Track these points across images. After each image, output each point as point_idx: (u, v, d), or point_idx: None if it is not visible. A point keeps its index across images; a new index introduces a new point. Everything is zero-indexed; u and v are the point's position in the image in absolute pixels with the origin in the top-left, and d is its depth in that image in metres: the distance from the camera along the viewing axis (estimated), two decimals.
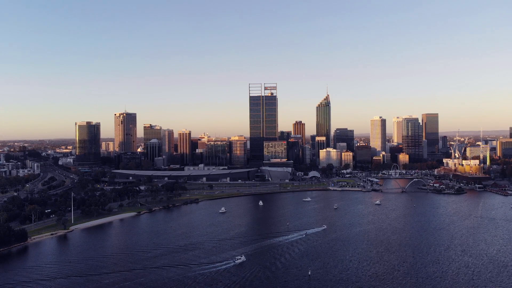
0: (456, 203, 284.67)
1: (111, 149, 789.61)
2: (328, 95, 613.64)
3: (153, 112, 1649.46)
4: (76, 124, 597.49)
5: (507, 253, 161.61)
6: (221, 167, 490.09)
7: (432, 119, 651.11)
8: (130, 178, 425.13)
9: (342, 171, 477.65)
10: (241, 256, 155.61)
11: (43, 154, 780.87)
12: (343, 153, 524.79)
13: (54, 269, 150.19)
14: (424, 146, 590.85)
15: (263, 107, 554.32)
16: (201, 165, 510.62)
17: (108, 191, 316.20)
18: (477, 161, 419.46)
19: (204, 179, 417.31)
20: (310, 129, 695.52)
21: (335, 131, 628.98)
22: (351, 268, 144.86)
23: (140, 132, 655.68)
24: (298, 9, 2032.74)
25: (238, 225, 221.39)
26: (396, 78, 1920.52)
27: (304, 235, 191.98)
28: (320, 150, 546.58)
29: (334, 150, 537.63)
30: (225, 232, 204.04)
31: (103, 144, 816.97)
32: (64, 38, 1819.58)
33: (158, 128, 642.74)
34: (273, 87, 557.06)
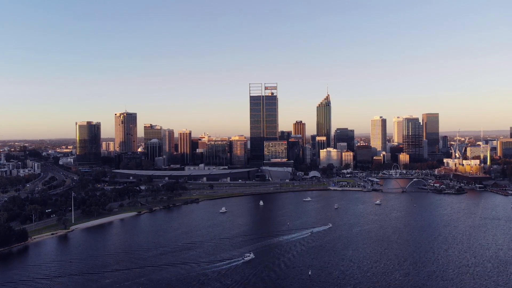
0: (457, 203, 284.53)
1: (111, 149, 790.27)
2: (328, 95, 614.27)
3: (153, 112, 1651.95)
4: (76, 124, 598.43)
5: (507, 252, 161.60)
6: (222, 167, 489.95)
7: (433, 119, 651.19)
8: (131, 178, 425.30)
9: (343, 171, 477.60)
10: (250, 254, 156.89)
11: (44, 154, 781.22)
12: (343, 153, 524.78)
13: (55, 268, 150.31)
14: (424, 146, 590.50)
15: (263, 107, 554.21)
16: (202, 165, 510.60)
17: (109, 191, 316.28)
18: (477, 161, 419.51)
19: (205, 179, 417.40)
20: (311, 129, 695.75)
21: (336, 131, 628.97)
22: (352, 267, 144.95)
23: (140, 132, 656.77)
24: (298, 9, 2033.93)
25: (239, 225, 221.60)
26: (396, 78, 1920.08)
27: (310, 234, 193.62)
28: (320, 150, 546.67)
29: (335, 150, 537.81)
30: (226, 232, 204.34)
31: (104, 144, 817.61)
32: (64, 38, 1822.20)
33: (159, 128, 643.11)
34: (274, 87, 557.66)
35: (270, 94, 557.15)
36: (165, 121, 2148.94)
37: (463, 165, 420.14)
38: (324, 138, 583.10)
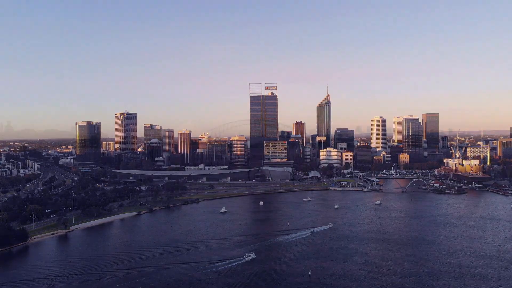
0: (457, 203, 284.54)
1: (111, 149, 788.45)
2: (328, 95, 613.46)
3: (154, 112, 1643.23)
4: (76, 124, 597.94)
5: (508, 252, 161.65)
6: (222, 167, 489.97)
7: (433, 119, 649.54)
8: (131, 178, 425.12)
9: (343, 171, 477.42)
10: (251, 253, 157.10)
11: (44, 154, 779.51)
12: (343, 153, 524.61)
13: (55, 268, 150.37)
14: (424, 146, 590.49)
15: (263, 107, 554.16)
16: (202, 165, 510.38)
17: (109, 191, 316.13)
18: (477, 161, 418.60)
19: (205, 179, 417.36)
20: (311, 129, 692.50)
21: (336, 131, 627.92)
22: (352, 267, 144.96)
23: (140, 132, 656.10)
24: (298, 9, 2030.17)
25: (239, 225, 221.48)
26: (396, 78, 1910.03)
27: (310, 234, 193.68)
28: (320, 150, 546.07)
29: (335, 150, 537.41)
30: (227, 231, 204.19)
31: (104, 144, 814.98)
32: (64, 38, 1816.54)
33: (159, 128, 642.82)
34: (274, 87, 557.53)
35: (270, 94, 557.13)
36: (165, 121, 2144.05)
37: (463, 165, 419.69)
38: (324, 138, 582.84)
